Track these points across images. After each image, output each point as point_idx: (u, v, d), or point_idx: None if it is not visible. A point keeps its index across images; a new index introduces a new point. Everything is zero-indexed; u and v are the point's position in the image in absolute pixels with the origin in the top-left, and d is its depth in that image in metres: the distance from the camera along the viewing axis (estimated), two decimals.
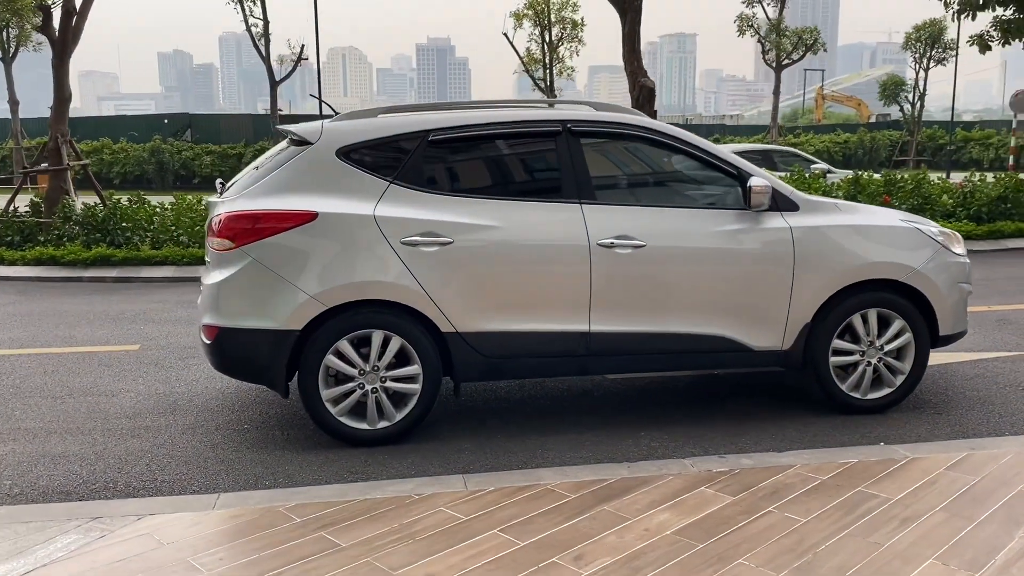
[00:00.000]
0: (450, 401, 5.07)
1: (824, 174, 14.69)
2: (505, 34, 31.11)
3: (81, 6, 11.69)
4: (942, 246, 4.87)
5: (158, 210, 11.06)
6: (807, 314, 4.65)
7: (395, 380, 4.36)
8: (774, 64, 35.34)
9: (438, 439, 4.51)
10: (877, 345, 4.76)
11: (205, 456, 4.32)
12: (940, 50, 40.46)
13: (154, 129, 31.78)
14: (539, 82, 32.34)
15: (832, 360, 4.74)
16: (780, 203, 4.65)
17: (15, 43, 26.48)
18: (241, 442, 4.51)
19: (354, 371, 4.31)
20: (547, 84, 32.17)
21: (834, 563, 3.01)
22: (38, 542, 3.22)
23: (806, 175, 13.42)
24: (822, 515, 3.39)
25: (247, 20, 26.88)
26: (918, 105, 41.84)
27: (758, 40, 35.68)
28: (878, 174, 13.52)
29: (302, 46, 27.28)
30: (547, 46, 31.86)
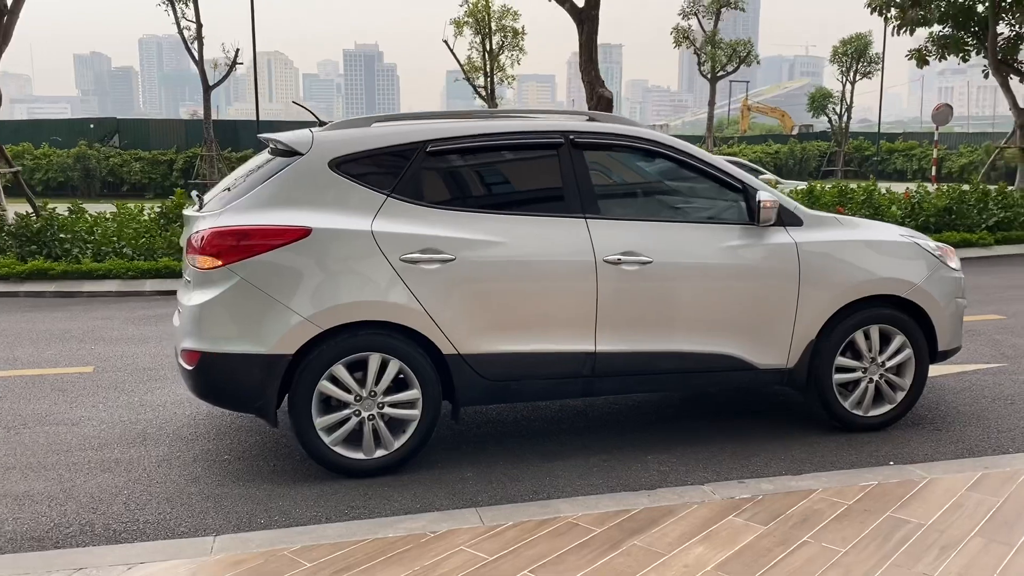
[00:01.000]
0: (442, 426, 4.82)
1: (775, 184, 14.86)
2: (445, 41, 30.88)
3: (12, 5, 11.04)
4: (940, 261, 4.84)
5: (99, 220, 10.48)
6: (812, 331, 4.55)
7: (393, 406, 4.10)
8: (709, 76, 35.94)
9: (438, 467, 4.26)
10: (879, 362, 4.70)
11: (188, 492, 3.98)
12: (865, 64, 41.79)
13: (78, 134, 30.51)
14: (480, 89, 32.16)
15: (835, 377, 4.66)
16: (785, 218, 4.55)
17: None
18: (225, 475, 4.18)
19: (350, 397, 4.04)
20: (488, 91, 32.02)
21: None
22: None
23: None
24: (859, 544, 3.27)
25: (179, 23, 26.02)
26: (845, 117, 43.11)
27: (694, 52, 36.22)
28: (804, 184, 13.72)
29: (237, 50, 26.55)
30: (488, 54, 31.72)
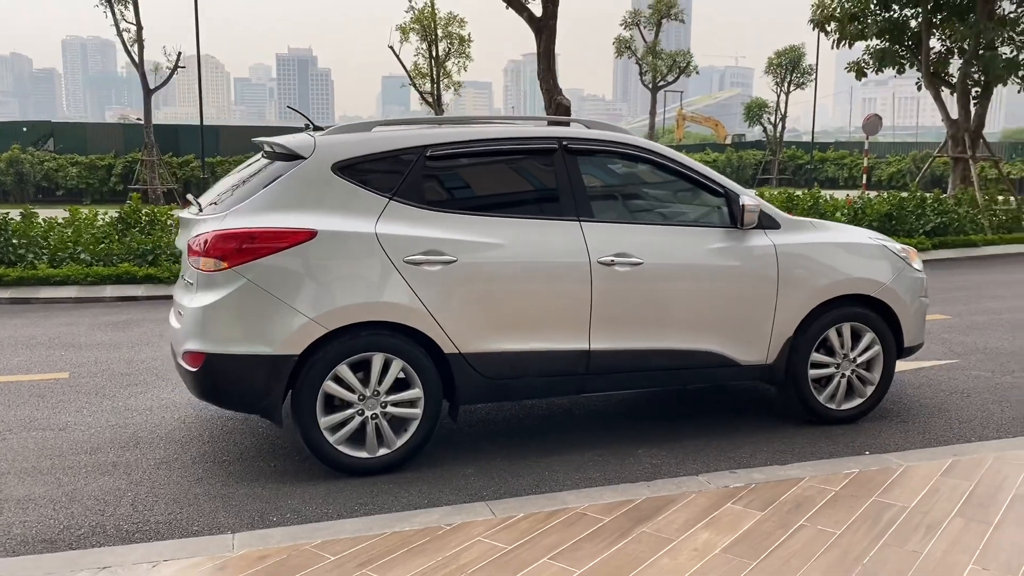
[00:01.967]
0: (439, 426, 4.90)
1: None
2: (391, 47, 30.85)
3: None
4: (905, 262, 5.13)
5: (53, 226, 10.25)
6: (790, 329, 4.79)
7: (395, 405, 4.19)
8: (650, 85, 36.61)
9: (438, 465, 4.36)
10: (851, 358, 4.96)
11: (193, 493, 4.00)
12: (799, 75, 43.07)
13: (9, 137, 29.56)
14: (426, 96, 32.20)
15: (810, 373, 4.90)
16: (764, 221, 4.78)
17: None
18: (228, 476, 4.21)
19: (354, 397, 4.11)
20: (434, 97, 32.09)
21: (886, 573, 3.08)
22: None
23: None
24: (852, 527, 3.48)
25: (118, 25, 25.47)
26: (780, 126, 44.35)
27: (636, 62, 36.84)
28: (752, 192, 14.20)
29: (179, 53, 26.07)
30: (434, 61, 31.79)
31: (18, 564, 3.18)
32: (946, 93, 16.90)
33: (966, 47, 15.92)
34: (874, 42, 16.77)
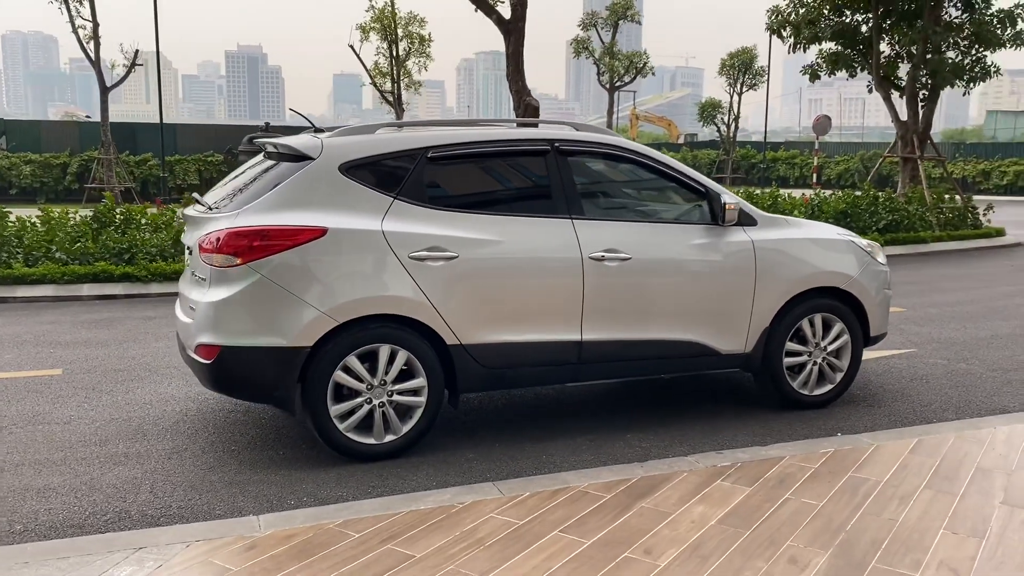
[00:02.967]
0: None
1: None
2: (351, 46, 30.83)
3: None
4: (870, 256, 5.49)
5: (26, 225, 10.21)
6: (766, 319, 5.10)
7: (401, 394, 4.40)
8: (608, 86, 37.09)
9: (441, 450, 4.58)
10: (822, 346, 5.30)
11: (209, 480, 4.17)
12: (751, 76, 43.89)
13: None
14: (387, 95, 32.25)
15: (785, 361, 5.22)
16: (742, 218, 5.08)
17: None
18: (240, 463, 4.38)
19: (362, 386, 4.32)
20: (395, 97, 32.14)
21: (867, 538, 3.39)
22: (93, 575, 3.05)
23: None
24: (833, 498, 3.79)
25: (73, 21, 25.04)
26: (733, 126, 45.17)
27: (594, 62, 37.29)
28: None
29: (136, 51, 25.73)
30: (394, 60, 31.85)
31: (53, 546, 3.33)
32: (896, 95, 17.54)
33: (914, 51, 16.56)
34: (827, 46, 17.35)
